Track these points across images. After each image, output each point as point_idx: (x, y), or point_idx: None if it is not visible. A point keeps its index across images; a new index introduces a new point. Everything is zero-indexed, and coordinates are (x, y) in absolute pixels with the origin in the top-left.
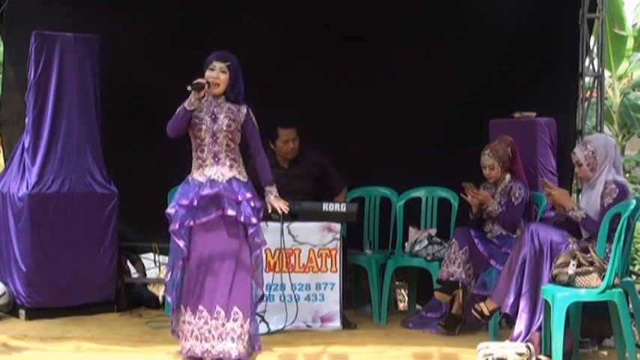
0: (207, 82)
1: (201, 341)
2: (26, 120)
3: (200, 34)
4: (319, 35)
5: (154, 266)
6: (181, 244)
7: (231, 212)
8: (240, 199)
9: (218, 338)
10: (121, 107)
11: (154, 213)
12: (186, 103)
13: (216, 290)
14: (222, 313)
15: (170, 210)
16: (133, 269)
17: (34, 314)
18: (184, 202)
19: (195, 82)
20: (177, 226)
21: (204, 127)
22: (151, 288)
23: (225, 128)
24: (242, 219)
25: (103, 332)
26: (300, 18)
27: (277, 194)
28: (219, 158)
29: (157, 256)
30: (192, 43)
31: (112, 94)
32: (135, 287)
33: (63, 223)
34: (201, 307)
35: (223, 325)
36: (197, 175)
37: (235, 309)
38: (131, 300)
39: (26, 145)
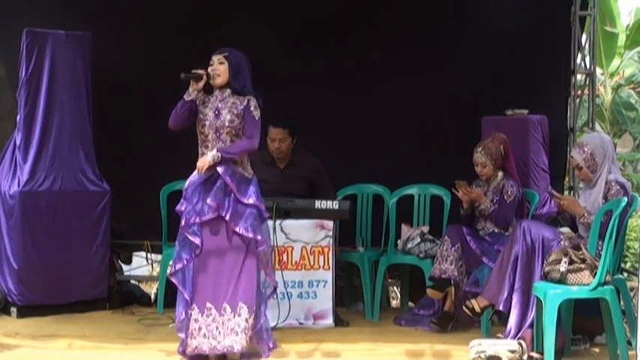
0: (207, 74)
1: (208, 338)
2: (18, 117)
3: (194, 31)
4: (316, 34)
5: (146, 264)
6: (196, 240)
7: (224, 214)
8: (241, 200)
9: (224, 334)
10: (114, 105)
11: (146, 211)
12: (185, 94)
13: (222, 287)
14: (229, 308)
15: (180, 207)
16: (124, 267)
17: (25, 312)
18: (187, 196)
19: (192, 71)
20: (183, 222)
21: (207, 122)
22: (142, 286)
23: (227, 124)
24: (233, 226)
25: (95, 330)
26: (298, 18)
27: (214, 158)
28: None
29: (148, 254)
30: (186, 41)
31: (105, 92)
32: (127, 285)
33: (55, 220)
34: (209, 305)
35: (229, 320)
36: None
37: (241, 304)
38: (123, 298)
39: (18, 142)
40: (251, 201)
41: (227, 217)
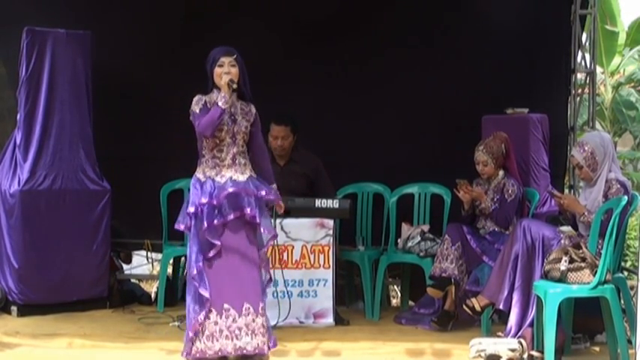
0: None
1: (232, 340)
2: (18, 116)
3: (195, 31)
4: (317, 33)
5: (146, 263)
6: (217, 242)
7: (251, 212)
8: (263, 194)
9: (251, 334)
10: (114, 104)
11: (146, 210)
12: (220, 102)
13: (240, 287)
14: (252, 309)
15: (190, 209)
16: (125, 266)
17: (26, 311)
18: (204, 200)
19: (230, 80)
20: (205, 224)
21: (225, 127)
22: (143, 285)
23: (243, 130)
24: (259, 220)
25: (96, 329)
26: (298, 17)
27: (278, 193)
28: (236, 158)
29: (149, 252)
30: (186, 40)
31: (105, 91)
32: (127, 284)
33: (55, 219)
34: (227, 306)
35: (254, 320)
36: (214, 175)
37: (262, 305)
38: (124, 296)
39: (18, 141)
40: (266, 191)
41: (258, 220)
